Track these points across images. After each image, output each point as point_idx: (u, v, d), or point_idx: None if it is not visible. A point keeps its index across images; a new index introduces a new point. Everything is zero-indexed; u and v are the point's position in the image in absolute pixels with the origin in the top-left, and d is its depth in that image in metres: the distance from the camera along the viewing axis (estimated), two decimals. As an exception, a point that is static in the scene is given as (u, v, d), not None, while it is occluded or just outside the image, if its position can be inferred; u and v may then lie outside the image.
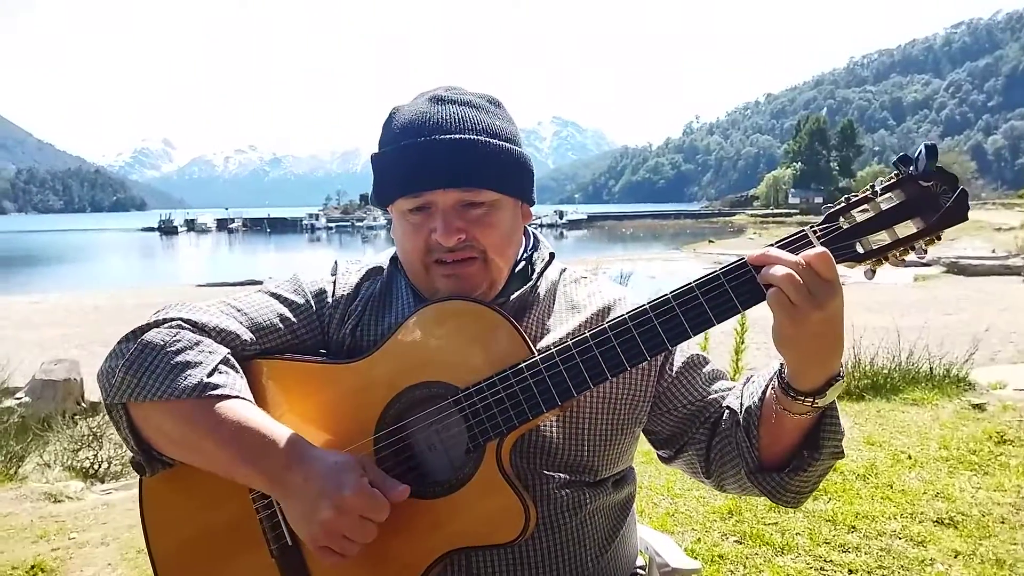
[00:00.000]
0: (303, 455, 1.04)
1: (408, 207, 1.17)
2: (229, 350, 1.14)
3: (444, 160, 1.13)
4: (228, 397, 1.07)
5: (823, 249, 0.97)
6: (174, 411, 1.06)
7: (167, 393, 1.06)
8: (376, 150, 1.22)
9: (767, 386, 1.13)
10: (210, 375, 1.08)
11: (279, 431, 1.06)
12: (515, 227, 1.24)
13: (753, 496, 1.22)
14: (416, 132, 1.15)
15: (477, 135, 1.15)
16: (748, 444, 1.15)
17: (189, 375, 1.07)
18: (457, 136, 1.14)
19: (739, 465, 1.18)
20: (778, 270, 0.96)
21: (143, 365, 1.08)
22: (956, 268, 20.71)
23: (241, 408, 1.08)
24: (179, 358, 1.08)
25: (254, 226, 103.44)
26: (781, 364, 1.08)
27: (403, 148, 1.15)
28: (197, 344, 1.11)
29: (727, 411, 1.23)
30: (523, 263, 1.29)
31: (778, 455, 1.15)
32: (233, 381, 1.10)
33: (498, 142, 1.17)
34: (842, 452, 1.14)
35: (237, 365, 1.14)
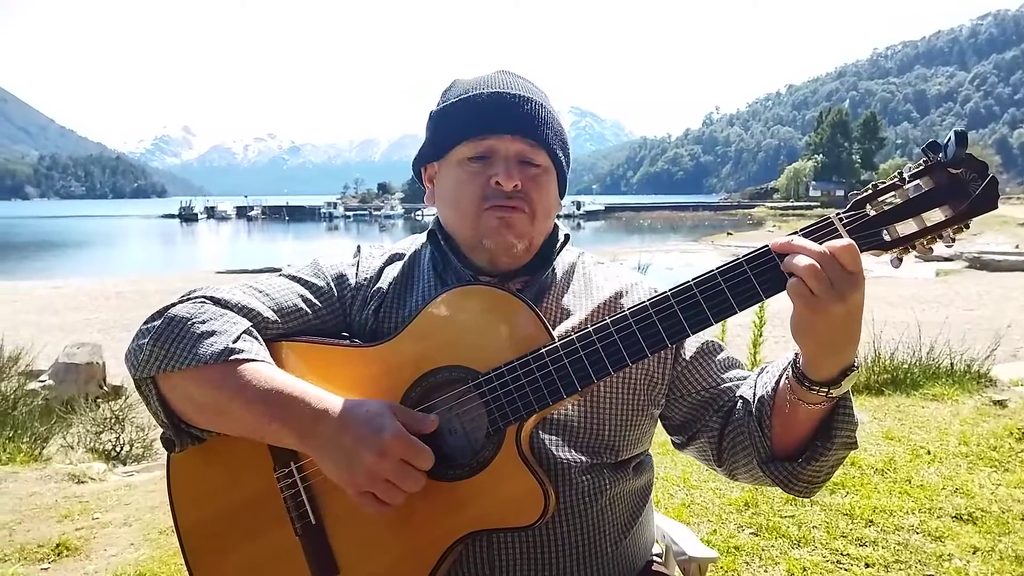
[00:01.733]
0: (333, 405, 1.06)
1: (469, 154, 1.20)
2: (252, 323, 1.16)
3: (512, 110, 1.19)
4: (253, 361, 1.10)
5: (849, 241, 0.96)
6: (201, 377, 1.08)
7: (192, 360, 1.08)
8: (421, 131, 1.28)
9: (780, 376, 1.12)
10: (235, 342, 1.10)
11: (304, 387, 1.08)
12: (555, 203, 1.27)
13: (765, 486, 1.22)
14: (485, 86, 1.21)
15: (542, 101, 1.23)
16: (760, 433, 1.15)
17: (214, 342, 1.09)
18: (525, 94, 1.21)
19: (751, 454, 1.17)
20: (801, 260, 0.95)
21: (170, 336, 1.10)
22: (979, 263, 20.41)
23: (266, 370, 1.10)
24: (204, 327, 1.10)
25: (273, 214, 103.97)
26: (796, 354, 1.08)
27: (471, 98, 1.20)
28: (221, 315, 1.13)
29: (740, 400, 1.23)
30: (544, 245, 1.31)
31: (791, 445, 1.14)
32: (257, 348, 1.12)
33: (556, 116, 1.24)
34: (855, 443, 1.13)
35: (260, 338, 1.16)
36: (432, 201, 1.30)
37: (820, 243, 0.97)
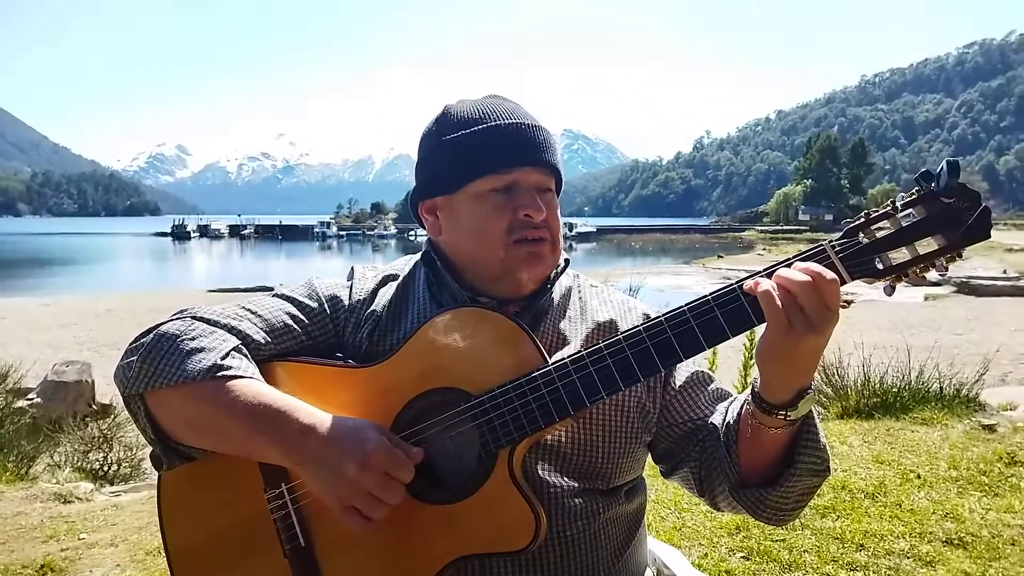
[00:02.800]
0: (319, 420, 1.06)
1: (494, 186, 1.19)
2: (241, 342, 1.16)
3: (531, 141, 1.20)
4: (241, 378, 1.09)
5: (834, 276, 0.97)
6: (189, 393, 1.08)
7: (181, 376, 1.07)
8: (419, 144, 1.27)
9: (744, 402, 1.14)
10: (223, 358, 1.10)
11: (292, 403, 1.08)
12: None
13: (743, 515, 1.22)
14: (496, 117, 1.21)
15: (545, 125, 1.24)
16: (729, 460, 1.17)
17: (203, 359, 1.09)
18: (536, 123, 1.23)
19: (724, 481, 1.19)
20: (784, 290, 0.98)
21: (159, 353, 1.10)
22: (967, 288, 20.53)
23: (255, 385, 1.10)
24: (193, 344, 1.10)
25: (266, 233, 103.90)
26: (755, 379, 1.09)
27: (486, 130, 1.20)
28: (211, 333, 1.13)
29: (712, 427, 1.24)
30: None
31: (759, 471, 1.15)
32: (246, 366, 1.12)
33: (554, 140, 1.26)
34: (825, 470, 1.14)
35: (249, 356, 1.16)
36: (437, 233, 1.28)
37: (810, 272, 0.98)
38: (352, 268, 1.37)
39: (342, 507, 1.03)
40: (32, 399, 6.46)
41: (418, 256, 1.36)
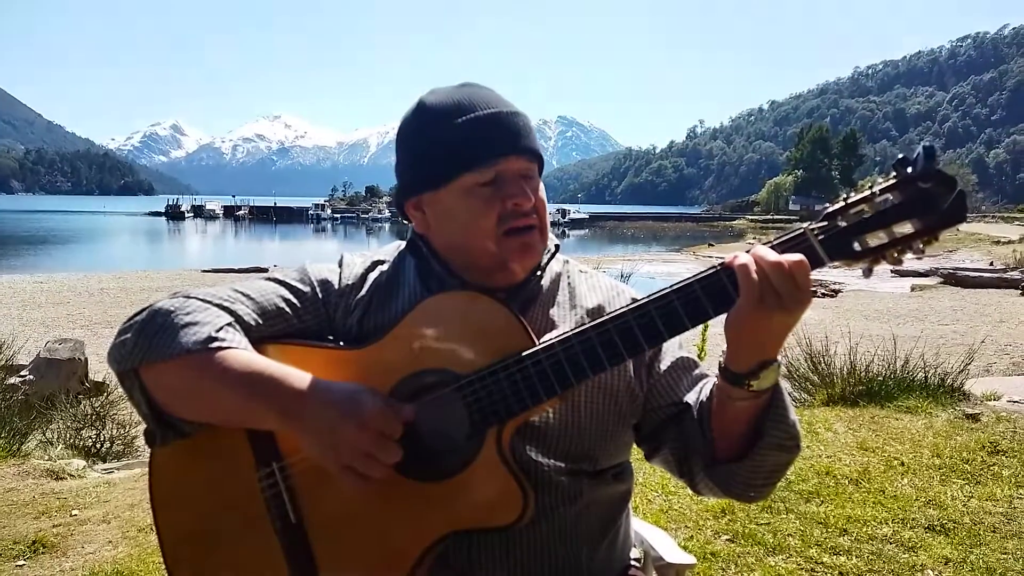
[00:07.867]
0: (315, 385, 1.08)
1: (480, 180, 1.18)
2: (235, 319, 1.17)
3: (511, 128, 1.19)
4: (235, 349, 1.11)
5: (801, 257, 0.99)
6: (184, 364, 1.09)
7: (176, 350, 1.08)
8: (398, 140, 1.26)
9: (715, 380, 1.16)
10: (217, 331, 1.11)
11: (287, 370, 1.10)
12: None
13: (719, 497, 1.23)
14: (470, 109, 1.19)
15: (522, 110, 1.24)
16: (703, 437, 1.18)
17: (197, 331, 1.10)
18: (513, 109, 1.21)
19: (700, 459, 1.20)
20: (755, 268, 0.99)
21: (153, 328, 1.11)
22: (954, 279, 20.54)
23: (249, 355, 1.11)
24: (187, 319, 1.11)
25: (260, 215, 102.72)
26: (723, 352, 1.11)
27: (471, 120, 1.18)
28: (205, 309, 1.14)
29: (688, 406, 1.26)
30: None
31: (730, 447, 1.16)
32: (240, 339, 1.13)
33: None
34: (793, 447, 1.15)
35: (242, 332, 1.16)
36: (426, 229, 1.27)
37: (783, 254, 1.01)
38: (342, 255, 1.36)
39: (340, 467, 1.04)
40: (25, 376, 6.43)
41: (405, 244, 1.35)
